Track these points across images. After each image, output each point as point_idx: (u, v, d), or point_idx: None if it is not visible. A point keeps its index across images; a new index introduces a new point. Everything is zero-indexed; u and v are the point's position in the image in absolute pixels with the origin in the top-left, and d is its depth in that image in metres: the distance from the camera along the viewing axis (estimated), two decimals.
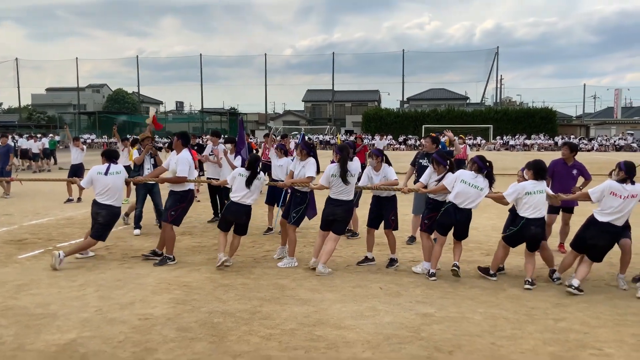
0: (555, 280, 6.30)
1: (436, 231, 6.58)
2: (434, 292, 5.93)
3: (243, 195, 6.82)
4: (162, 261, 7.04)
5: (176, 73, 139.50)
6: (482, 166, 6.35)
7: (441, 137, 10.61)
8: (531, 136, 52.57)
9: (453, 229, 6.47)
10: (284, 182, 7.27)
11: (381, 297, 5.74)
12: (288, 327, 4.85)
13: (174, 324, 4.90)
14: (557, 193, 6.51)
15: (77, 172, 12.80)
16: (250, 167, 6.90)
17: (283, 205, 8.45)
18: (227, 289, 5.98)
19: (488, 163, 6.41)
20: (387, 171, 6.99)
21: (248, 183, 6.79)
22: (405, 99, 69.88)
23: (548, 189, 6.35)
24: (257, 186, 6.94)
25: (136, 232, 9.09)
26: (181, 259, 7.29)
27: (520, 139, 52.11)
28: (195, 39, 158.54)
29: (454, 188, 6.36)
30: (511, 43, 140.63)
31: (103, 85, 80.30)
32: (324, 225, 6.85)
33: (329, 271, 6.64)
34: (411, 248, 8.15)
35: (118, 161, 7.52)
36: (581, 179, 7.81)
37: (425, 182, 6.88)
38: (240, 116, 41.96)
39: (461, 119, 54.69)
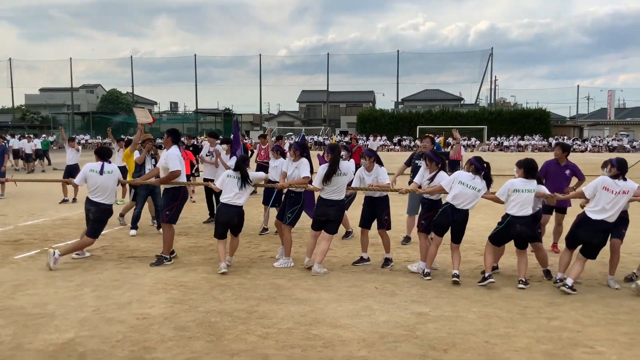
0: (558, 281, 6.20)
1: (433, 232, 6.62)
2: (429, 292, 5.99)
3: (233, 196, 6.76)
4: (159, 261, 7.07)
5: (170, 73, 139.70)
6: (480, 167, 6.35)
7: (436, 138, 10.67)
8: (525, 137, 52.80)
9: (450, 230, 6.51)
10: (282, 184, 7.17)
11: (376, 297, 5.79)
12: (285, 326, 4.89)
13: (172, 323, 4.94)
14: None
15: (73, 173, 12.69)
16: (237, 168, 6.85)
17: (274, 205, 8.47)
18: (224, 289, 6.02)
19: (485, 164, 6.42)
20: (379, 172, 7.03)
21: (243, 184, 6.73)
22: (399, 100, 70.07)
23: (545, 189, 6.38)
24: (247, 188, 6.87)
25: (132, 233, 9.10)
26: (178, 260, 7.33)
27: (514, 140, 52.31)
28: (189, 40, 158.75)
29: (452, 190, 6.38)
30: (505, 44, 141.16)
31: (97, 85, 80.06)
32: (316, 225, 6.87)
33: (325, 271, 6.68)
34: (406, 248, 8.20)
35: (112, 161, 7.55)
36: (575, 179, 7.89)
37: (419, 182, 6.94)
38: (235, 117, 41.99)
39: (455, 120, 54.71)
